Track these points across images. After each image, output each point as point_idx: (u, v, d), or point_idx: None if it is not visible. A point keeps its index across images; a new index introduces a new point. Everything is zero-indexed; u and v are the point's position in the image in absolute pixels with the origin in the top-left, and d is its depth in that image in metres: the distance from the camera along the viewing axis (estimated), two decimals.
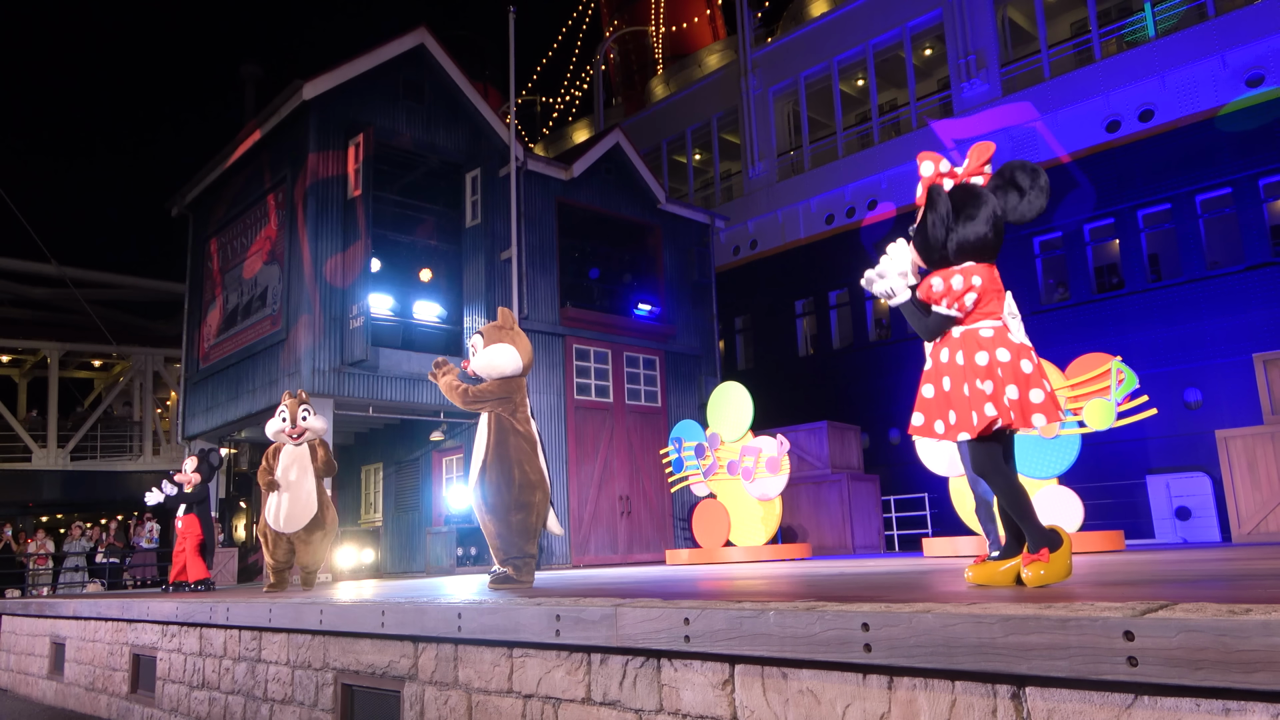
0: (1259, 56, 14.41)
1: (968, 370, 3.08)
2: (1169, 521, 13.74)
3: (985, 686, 2.19)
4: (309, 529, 7.23)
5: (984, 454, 3.13)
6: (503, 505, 5.05)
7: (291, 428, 7.18)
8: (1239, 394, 13.24)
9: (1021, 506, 3.07)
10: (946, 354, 3.14)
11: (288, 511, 7.13)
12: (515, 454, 5.10)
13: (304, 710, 4.93)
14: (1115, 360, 7.74)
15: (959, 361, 3.10)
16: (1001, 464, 3.12)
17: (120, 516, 20.15)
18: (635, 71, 34.82)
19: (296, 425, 7.18)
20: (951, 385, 3.09)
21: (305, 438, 7.26)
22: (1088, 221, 15.95)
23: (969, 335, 3.12)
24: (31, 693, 9.36)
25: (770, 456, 11.05)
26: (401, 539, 16.83)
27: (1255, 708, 1.77)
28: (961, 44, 18.20)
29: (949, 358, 3.13)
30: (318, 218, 13.50)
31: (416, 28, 14.80)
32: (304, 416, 7.24)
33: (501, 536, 5.10)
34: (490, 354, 5.25)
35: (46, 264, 25.08)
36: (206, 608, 5.98)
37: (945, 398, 3.11)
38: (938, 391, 3.15)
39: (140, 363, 27.60)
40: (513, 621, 3.51)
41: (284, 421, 7.20)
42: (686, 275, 18.20)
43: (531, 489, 5.10)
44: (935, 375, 3.17)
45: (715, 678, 2.83)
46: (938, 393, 3.15)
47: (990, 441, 3.11)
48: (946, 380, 3.11)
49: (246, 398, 14.62)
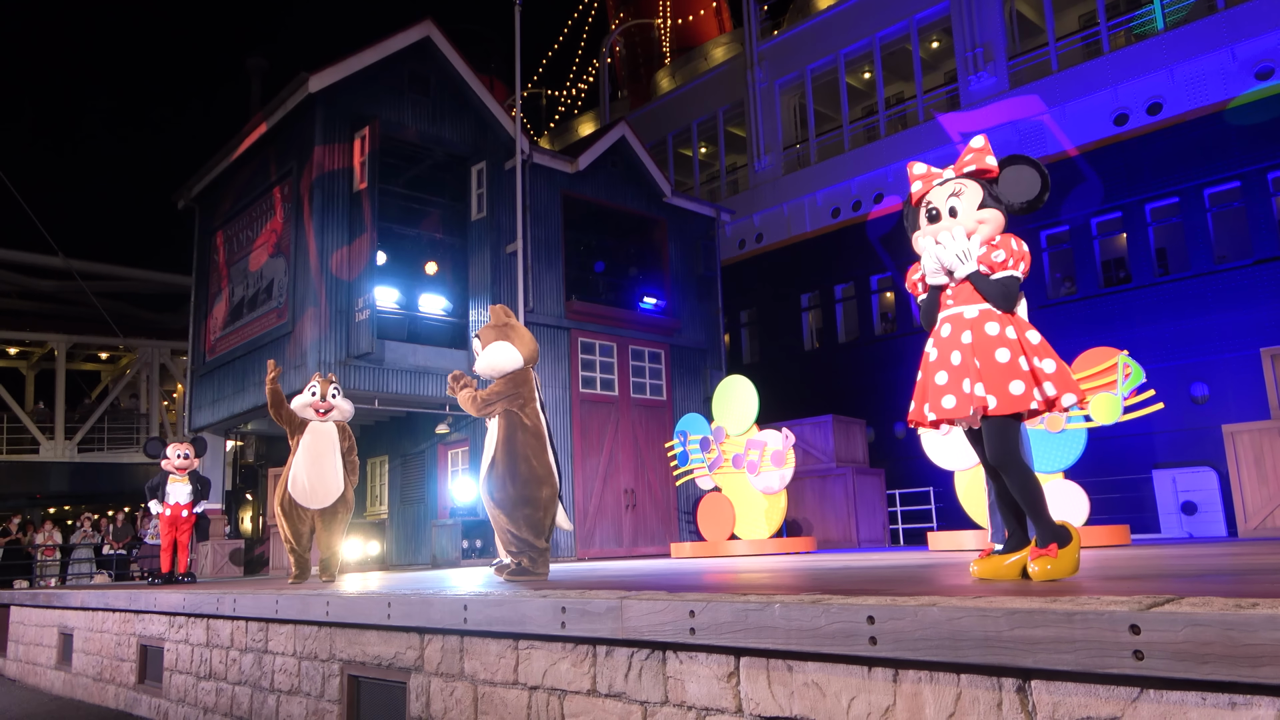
0: (1268, 49, 14.32)
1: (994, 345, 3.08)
2: (1175, 516, 13.72)
3: (991, 680, 2.20)
4: (334, 508, 7.18)
5: (1006, 439, 3.09)
6: (509, 500, 5.06)
7: (320, 401, 7.17)
8: (1246, 389, 13.19)
9: (1035, 499, 3.05)
10: (969, 335, 3.13)
11: (312, 487, 7.06)
12: (522, 449, 5.10)
13: (310, 701, 4.96)
14: (1122, 354, 7.72)
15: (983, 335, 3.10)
16: (1019, 453, 3.10)
17: (127, 508, 20.24)
18: (641, 64, 34.71)
19: (326, 400, 7.18)
20: (984, 362, 3.06)
21: (331, 416, 7.26)
22: (1095, 215, 15.89)
23: (985, 312, 3.14)
24: (40, 683, 9.42)
25: (775, 450, 11.05)
26: (407, 531, 16.88)
27: (1261, 702, 1.77)
28: (969, 37, 18.12)
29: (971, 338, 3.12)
30: (324, 210, 13.52)
31: (422, 20, 14.78)
32: (334, 394, 7.25)
33: (510, 531, 5.11)
34: (489, 354, 5.27)
35: (53, 256, 25.17)
36: (214, 599, 6.01)
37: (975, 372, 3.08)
38: (954, 372, 3.12)
39: (147, 355, 27.71)
40: (518, 613, 3.52)
41: (313, 396, 7.19)
42: (692, 269, 18.19)
43: (538, 484, 5.09)
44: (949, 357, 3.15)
45: (720, 670, 2.83)
46: (955, 371, 3.12)
47: (1014, 425, 3.10)
48: (977, 359, 3.08)
49: (253, 390, 14.66)
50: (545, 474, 5.15)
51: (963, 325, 3.16)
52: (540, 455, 5.16)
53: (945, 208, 3.21)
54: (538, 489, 5.09)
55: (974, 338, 3.11)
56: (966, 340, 3.13)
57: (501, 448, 5.14)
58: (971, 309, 3.17)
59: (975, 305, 3.16)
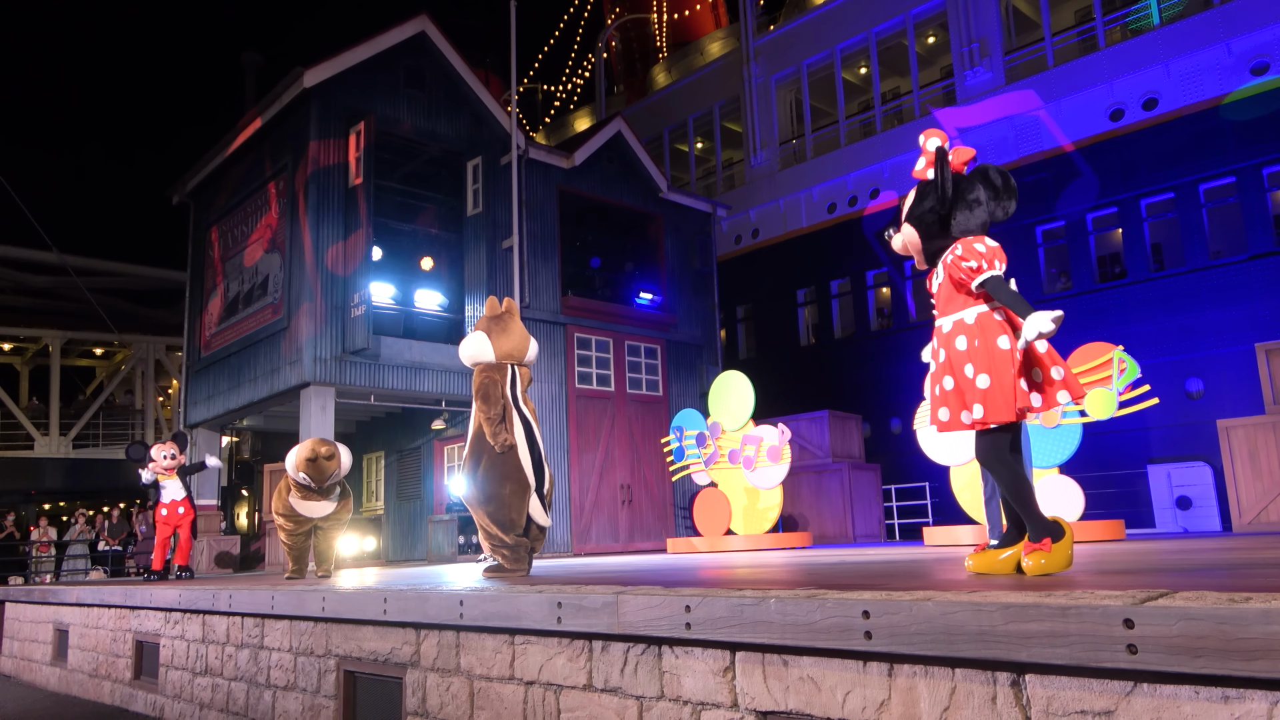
0: (1264, 44, 14.34)
1: (993, 354, 3.07)
2: (1170, 511, 13.76)
3: (985, 674, 2.20)
4: (336, 513, 7.14)
5: (990, 443, 3.13)
6: (473, 498, 5.13)
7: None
8: (1241, 384, 13.22)
9: (1024, 497, 3.07)
10: (964, 341, 3.13)
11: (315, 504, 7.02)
12: (487, 447, 5.11)
13: (306, 697, 4.96)
14: (1117, 349, 7.74)
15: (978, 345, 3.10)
16: (1006, 454, 3.13)
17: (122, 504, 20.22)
18: (637, 59, 34.65)
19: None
20: (975, 372, 3.08)
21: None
22: (1091, 210, 15.91)
23: (985, 318, 3.12)
24: (35, 679, 9.41)
25: (771, 445, 11.06)
26: (403, 527, 16.88)
27: (1254, 695, 1.78)
28: (965, 32, 18.12)
29: (966, 344, 3.12)
30: (319, 206, 13.48)
31: (418, 15, 14.73)
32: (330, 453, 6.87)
33: (482, 527, 5.18)
34: (463, 344, 5.41)
35: (48, 252, 25.06)
36: (209, 595, 6.00)
37: (971, 386, 3.09)
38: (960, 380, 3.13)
39: (142, 351, 27.64)
40: (514, 609, 3.52)
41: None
42: (688, 264, 18.18)
43: (500, 480, 5.04)
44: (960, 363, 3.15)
45: (716, 665, 2.83)
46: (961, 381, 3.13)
47: (999, 431, 3.12)
48: (969, 368, 3.09)
49: (248, 386, 14.63)
50: (509, 470, 5.07)
51: (941, 339, 3.24)
52: (507, 454, 5.12)
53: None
54: (500, 485, 5.03)
55: (948, 354, 3.18)
56: (941, 358, 3.21)
57: (470, 444, 5.20)
58: (946, 321, 3.21)
59: (949, 318, 3.20)
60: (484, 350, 5.29)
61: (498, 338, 5.31)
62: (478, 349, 5.31)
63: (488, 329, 5.33)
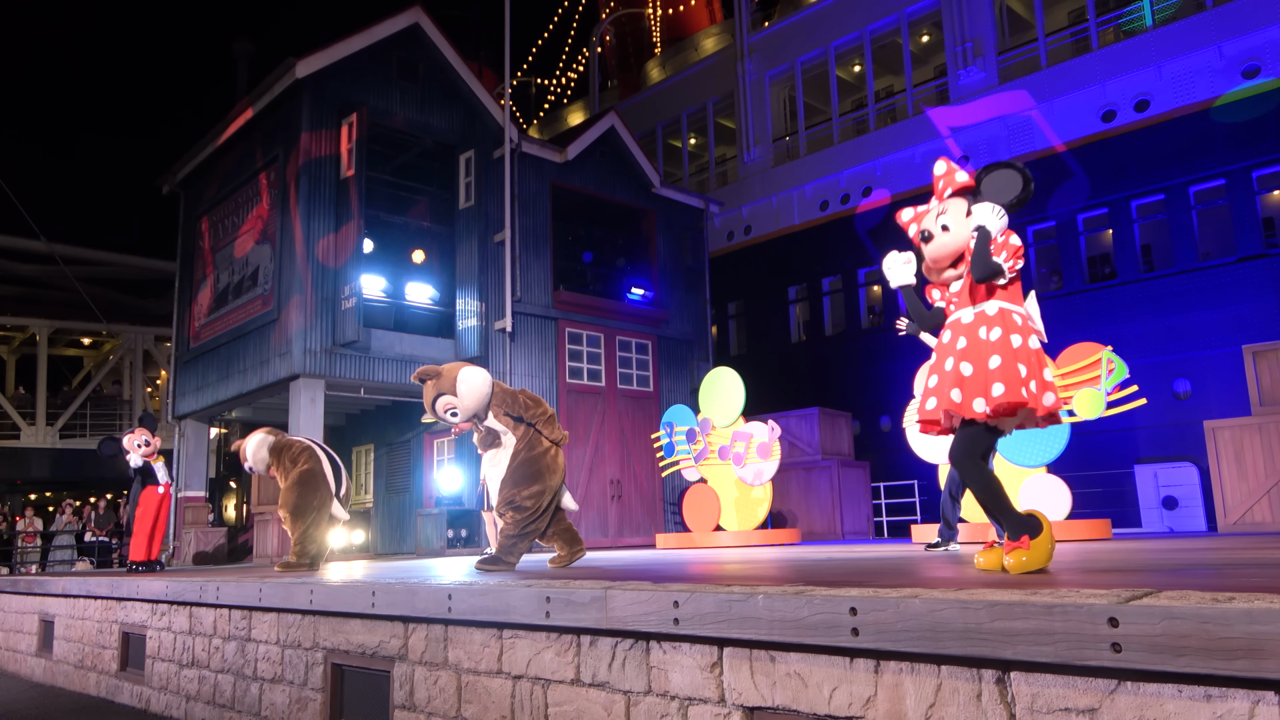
0: (1256, 47, 14.41)
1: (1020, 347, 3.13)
2: (1156, 511, 13.86)
3: (971, 671, 2.21)
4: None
5: (969, 444, 3.18)
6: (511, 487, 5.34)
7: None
8: (1228, 385, 13.31)
9: (997, 498, 3.12)
10: (984, 331, 3.18)
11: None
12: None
13: (294, 689, 4.95)
14: (1106, 350, 7.78)
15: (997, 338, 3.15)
16: (978, 456, 3.19)
17: (109, 495, 20.11)
18: (631, 54, 34.58)
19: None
20: (1004, 360, 3.11)
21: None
22: (1081, 211, 15.97)
23: (1005, 313, 3.18)
24: (20, 670, 9.36)
25: (761, 442, 11.08)
26: (392, 520, 16.85)
27: (1236, 694, 1.79)
28: (959, 31, 18.15)
29: (986, 334, 3.18)
30: (310, 197, 13.42)
31: (411, 6, 14.67)
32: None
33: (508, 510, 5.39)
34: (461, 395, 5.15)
35: (36, 240, 24.91)
36: (196, 586, 5.98)
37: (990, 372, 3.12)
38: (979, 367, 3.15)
39: (130, 341, 27.48)
40: (503, 603, 3.52)
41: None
42: (680, 260, 18.17)
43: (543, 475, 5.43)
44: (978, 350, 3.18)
45: (704, 660, 2.84)
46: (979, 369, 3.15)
47: (985, 432, 3.16)
48: (996, 358, 3.12)
49: (237, 377, 14.57)
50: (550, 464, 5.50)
51: (960, 329, 3.27)
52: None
53: (936, 227, 3.31)
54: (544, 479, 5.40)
55: (969, 340, 3.21)
56: (961, 344, 3.23)
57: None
58: (967, 313, 3.27)
59: (971, 309, 3.26)
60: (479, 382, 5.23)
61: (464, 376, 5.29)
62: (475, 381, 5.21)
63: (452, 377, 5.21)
